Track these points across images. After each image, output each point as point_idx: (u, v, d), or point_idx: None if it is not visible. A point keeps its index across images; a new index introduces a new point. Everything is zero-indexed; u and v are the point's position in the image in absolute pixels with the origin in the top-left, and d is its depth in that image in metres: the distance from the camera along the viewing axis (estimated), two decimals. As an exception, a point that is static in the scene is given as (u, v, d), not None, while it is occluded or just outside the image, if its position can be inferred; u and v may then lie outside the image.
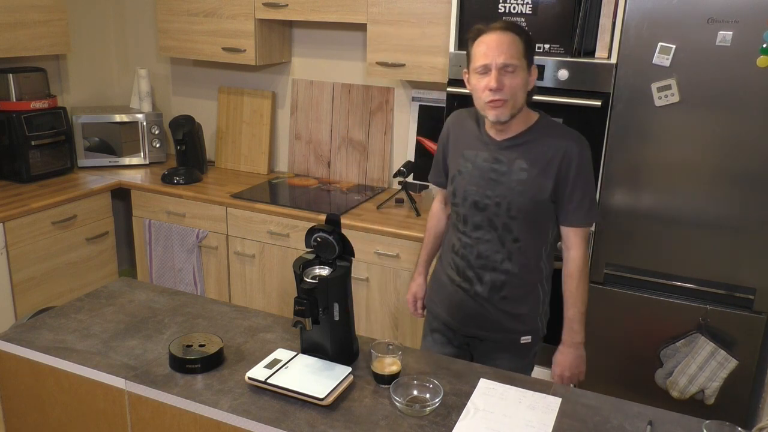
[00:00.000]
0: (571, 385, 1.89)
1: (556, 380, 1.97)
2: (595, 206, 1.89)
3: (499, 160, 1.85)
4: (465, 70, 1.86)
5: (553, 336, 2.70)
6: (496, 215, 1.86)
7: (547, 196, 1.83)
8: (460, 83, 2.61)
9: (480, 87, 1.77)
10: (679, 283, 2.40)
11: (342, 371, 1.63)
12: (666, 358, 2.41)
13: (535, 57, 2.42)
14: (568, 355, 1.95)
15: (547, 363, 2.68)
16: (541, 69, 2.44)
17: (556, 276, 1.98)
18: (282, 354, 1.71)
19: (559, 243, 1.94)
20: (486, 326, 1.97)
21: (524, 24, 2.45)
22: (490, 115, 1.79)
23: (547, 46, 2.45)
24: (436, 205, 2.18)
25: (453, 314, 2.01)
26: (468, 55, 1.83)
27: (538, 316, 1.98)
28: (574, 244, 1.89)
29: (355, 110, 3.38)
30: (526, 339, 1.97)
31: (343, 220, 2.76)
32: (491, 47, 1.73)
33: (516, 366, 1.96)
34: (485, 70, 1.75)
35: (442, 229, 2.16)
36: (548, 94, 2.44)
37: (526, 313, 1.95)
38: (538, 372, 2.63)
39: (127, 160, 3.65)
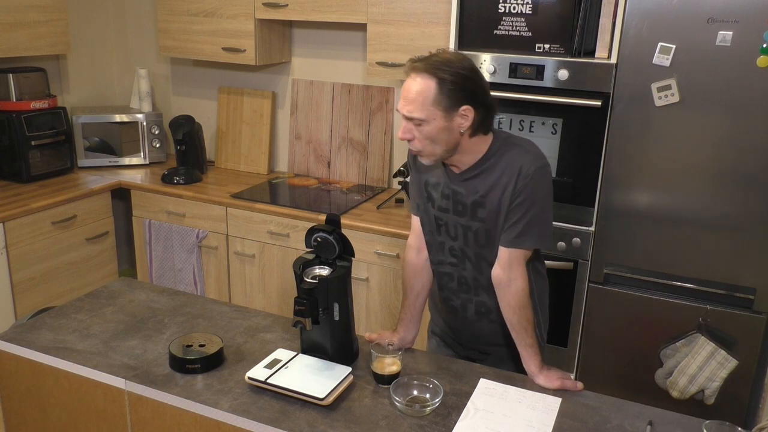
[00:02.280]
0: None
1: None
2: (543, 231, 1.74)
3: (459, 192, 1.77)
4: None
5: (554, 336, 2.70)
6: (466, 244, 1.80)
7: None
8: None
9: None
10: (679, 283, 2.40)
11: (342, 371, 1.63)
12: (666, 358, 2.41)
13: (535, 57, 2.44)
14: (545, 381, 1.72)
15: (545, 363, 2.68)
16: (541, 69, 2.44)
17: (559, 276, 1.95)
18: (282, 354, 1.71)
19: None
20: (484, 342, 1.93)
21: (524, 24, 2.45)
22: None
23: (547, 46, 2.45)
24: (411, 254, 1.93)
25: (450, 333, 1.99)
26: None
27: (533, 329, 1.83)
28: (516, 270, 1.72)
29: (355, 110, 3.38)
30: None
31: (343, 220, 2.76)
32: (403, 95, 1.66)
33: (524, 370, 1.87)
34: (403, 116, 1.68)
35: (424, 282, 1.93)
36: (548, 94, 2.44)
37: None
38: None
39: (127, 160, 3.65)
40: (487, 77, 2.54)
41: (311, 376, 1.60)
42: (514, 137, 1.79)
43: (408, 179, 2.01)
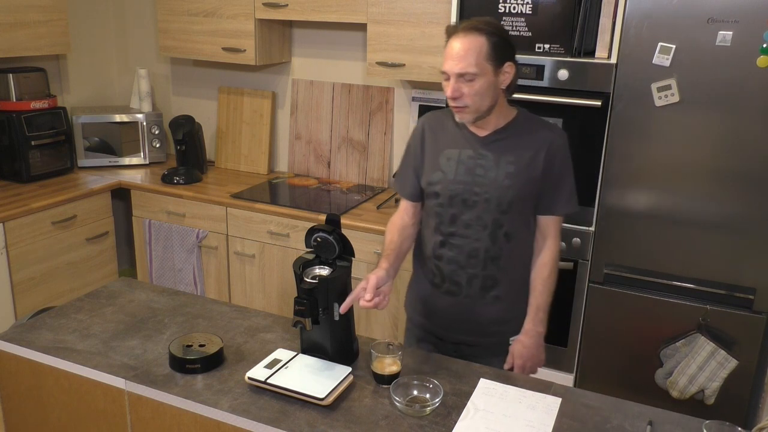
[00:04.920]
0: (570, 385, 1.87)
1: (516, 371, 1.89)
2: (575, 195, 1.90)
3: (485, 156, 1.83)
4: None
5: (554, 336, 2.70)
6: (486, 211, 1.83)
7: (535, 188, 1.83)
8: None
9: (445, 92, 1.78)
10: (679, 283, 2.40)
11: (342, 371, 1.63)
12: (666, 358, 2.41)
13: (535, 57, 2.44)
14: (530, 346, 1.89)
15: (549, 363, 2.69)
16: (541, 69, 2.44)
17: (559, 276, 1.95)
18: (282, 354, 1.71)
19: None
20: (476, 330, 1.93)
21: (524, 24, 2.45)
22: (456, 116, 1.82)
23: (547, 46, 2.45)
24: (398, 216, 2.00)
25: (440, 323, 1.96)
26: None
27: (526, 314, 1.94)
28: (552, 233, 1.90)
29: (355, 110, 3.38)
30: (515, 338, 1.94)
31: (343, 220, 2.76)
32: (451, 55, 1.74)
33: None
34: (446, 76, 1.76)
35: (406, 235, 1.98)
36: (548, 94, 2.44)
37: (517, 312, 1.92)
38: (538, 372, 2.63)
39: (127, 160, 3.65)
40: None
41: (311, 376, 1.60)
42: (533, 114, 1.91)
43: (401, 165, 2.01)
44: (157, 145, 3.69)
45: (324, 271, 1.68)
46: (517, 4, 2.44)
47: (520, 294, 1.92)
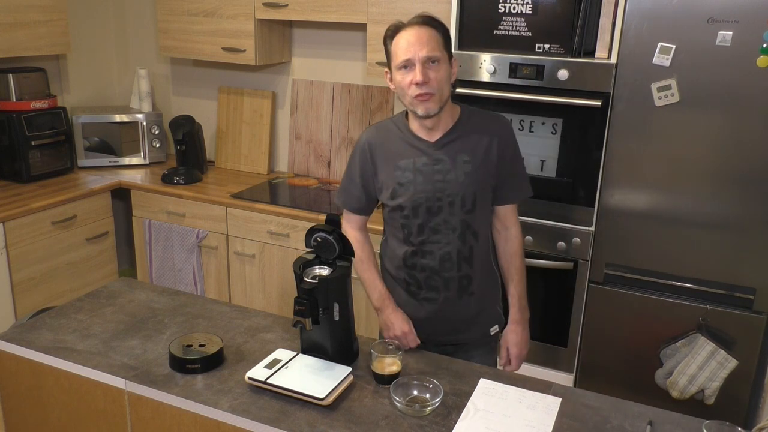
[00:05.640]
0: (570, 385, 1.88)
1: (514, 363, 1.96)
2: (528, 179, 1.95)
3: (440, 160, 1.82)
4: (386, 70, 1.85)
5: (554, 336, 2.70)
6: (452, 214, 1.82)
7: (494, 181, 1.85)
8: (459, 83, 2.61)
9: (405, 83, 1.75)
10: (679, 283, 2.40)
11: (342, 371, 1.63)
12: (666, 358, 2.41)
13: (535, 57, 2.45)
14: (521, 333, 1.96)
15: (545, 363, 2.69)
16: (541, 69, 2.44)
17: (559, 276, 1.96)
18: (282, 354, 1.71)
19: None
20: (457, 329, 1.94)
21: (524, 24, 2.45)
22: (419, 109, 1.76)
23: (547, 46, 2.45)
24: (358, 234, 1.99)
25: (421, 328, 1.92)
26: (387, 54, 1.82)
27: (498, 303, 2.00)
28: (513, 220, 1.94)
29: (355, 110, 3.38)
30: (494, 329, 1.99)
31: (343, 220, 2.76)
32: (411, 42, 1.72)
33: (490, 361, 1.98)
34: (408, 64, 1.73)
35: (369, 248, 2.00)
36: (548, 94, 2.44)
37: (491, 303, 1.97)
38: (538, 372, 2.63)
39: (127, 160, 3.65)
40: (487, 77, 2.54)
41: (311, 376, 1.60)
42: (474, 107, 1.93)
43: (343, 181, 2.02)
44: (157, 145, 3.69)
45: (324, 271, 1.68)
46: (517, 4, 2.44)
47: (488, 284, 1.96)
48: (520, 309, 1.96)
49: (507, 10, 2.47)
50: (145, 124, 3.64)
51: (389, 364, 1.64)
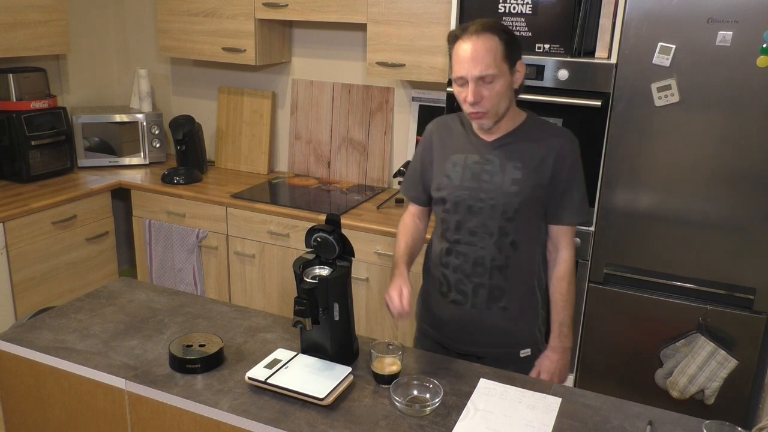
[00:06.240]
0: (571, 385, 1.87)
1: None
2: (586, 204, 1.86)
3: (491, 161, 1.79)
4: (451, 74, 1.80)
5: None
6: (491, 218, 1.78)
7: (542, 195, 1.79)
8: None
9: (461, 97, 1.73)
10: (679, 283, 2.40)
11: (342, 371, 1.63)
12: (666, 358, 2.41)
13: (535, 57, 2.44)
14: (557, 361, 1.87)
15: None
16: (541, 69, 2.44)
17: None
18: (282, 354, 1.71)
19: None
20: (483, 342, 1.87)
21: (524, 24, 2.45)
22: (474, 124, 1.79)
23: (547, 46, 2.45)
24: (408, 218, 2.00)
25: (447, 332, 1.91)
26: (450, 60, 1.77)
27: (536, 326, 1.90)
28: (564, 243, 1.86)
29: (355, 110, 3.38)
30: (525, 353, 1.89)
31: (343, 220, 2.76)
32: (466, 58, 1.67)
33: None
34: (463, 82, 1.70)
35: (417, 238, 1.98)
36: (548, 94, 2.44)
37: (525, 324, 1.87)
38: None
39: (127, 160, 3.65)
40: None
41: (311, 376, 1.60)
42: (542, 118, 1.87)
43: (409, 169, 1.99)
44: (157, 145, 3.69)
45: (324, 271, 1.68)
46: (517, 4, 2.44)
47: (527, 305, 1.87)
48: (560, 336, 1.87)
49: (507, 10, 2.47)
50: (145, 124, 3.64)
51: (389, 364, 1.64)
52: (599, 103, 2.36)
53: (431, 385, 1.58)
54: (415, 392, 1.59)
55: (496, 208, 1.78)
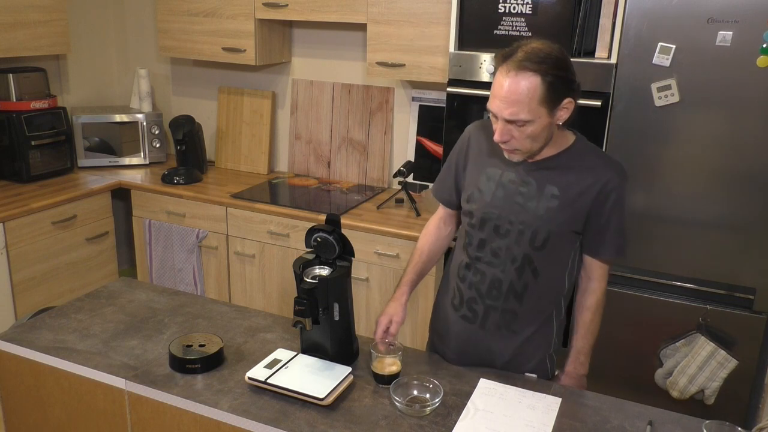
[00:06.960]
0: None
1: None
2: (626, 241, 1.73)
3: (528, 183, 1.66)
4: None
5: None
6: (517, 244, 1.67)
7: (577, 228, 1.67)
8: (460, 83, 2.61)
9: (493, 128, 1.61)
10: (679, 283, 2.40)
11: (342, 371, 1.63)
12: (666, 358, 2.41)
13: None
14: (571, 387, 1.78)
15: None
16: (541, 69, 2.43)
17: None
18: (282, 354, 1.71)
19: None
20: (487, 362, 1.79)
21: (524, 24, 2.45)
22: (504, 154, 1.66)
23: (547, 46, 2.45)
24: (434, 223, 1.93)
25: (453, 347, 1.83)
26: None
27: (548, 354, 1.81)
28: (598, 276, 1.76)
29: (355, 110, 3.38)
30: (531, 377, 1.78)
31: (343, 220, 2.76)
32: (499, 95, 1.54)
33: None
34: (494, 115, 1.58)
35: (436, 250, 1.93)
36: (548, 94, 2.44)
37: (535, 350, 1.78)
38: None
39: (127, 160, 3.65)
40: (487, 77, 2.54)
41: (311, 376, 1.60)
42: (593, 144, 1.74)
43: (442, 169, 1.91)
44: (157, 145, 3.69)
45: (324, 271, 1.68)
46: (517, 4, 2.44)
47: (540, 332, 1.78)
48: (576, 363, 1.80)
49: (507, 10, 2.47)
50: (145, 124, 3.64)
51: (389, 364, 1.64)
52: (599, 103, 2.35)
53: (431, 385, 1.58)
54: (415, 392, 1.59)
55: (524, 234, 1.66)
